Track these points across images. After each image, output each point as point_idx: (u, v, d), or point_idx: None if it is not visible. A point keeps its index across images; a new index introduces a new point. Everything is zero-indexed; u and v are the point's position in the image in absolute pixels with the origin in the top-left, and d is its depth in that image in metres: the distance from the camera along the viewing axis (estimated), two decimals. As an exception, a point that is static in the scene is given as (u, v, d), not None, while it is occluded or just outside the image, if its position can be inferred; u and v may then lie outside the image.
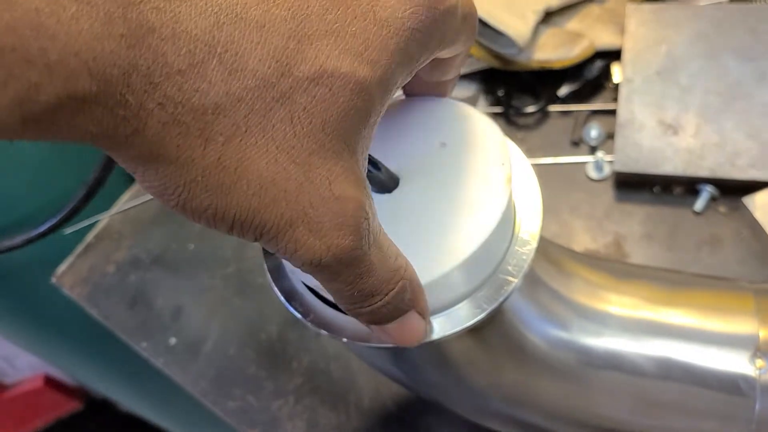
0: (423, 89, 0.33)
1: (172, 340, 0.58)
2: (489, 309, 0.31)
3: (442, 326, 0.31)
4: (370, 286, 0.24)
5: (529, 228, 0.33)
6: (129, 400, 1.07)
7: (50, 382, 1.34)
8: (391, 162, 0.31)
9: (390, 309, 0.25)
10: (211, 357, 0.56)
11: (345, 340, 0.31)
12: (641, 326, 0.38)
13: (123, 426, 1.40)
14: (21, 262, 0.67)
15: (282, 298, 0.34)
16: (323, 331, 0.32)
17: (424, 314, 0.27)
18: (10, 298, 0.71)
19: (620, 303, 0.39)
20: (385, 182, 0.30)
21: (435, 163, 0.31)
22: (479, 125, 0.32)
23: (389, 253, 0.24)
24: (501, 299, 0.31)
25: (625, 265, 0.46)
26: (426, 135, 0.32)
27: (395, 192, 0.31)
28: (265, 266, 0.35)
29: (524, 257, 0.32)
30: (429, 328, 0.29)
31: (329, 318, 0.32)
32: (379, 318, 0.25)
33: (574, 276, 0.39)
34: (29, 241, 0.62)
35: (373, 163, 0.28)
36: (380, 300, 0.24)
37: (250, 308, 0.58)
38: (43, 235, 0.62)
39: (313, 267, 0.22)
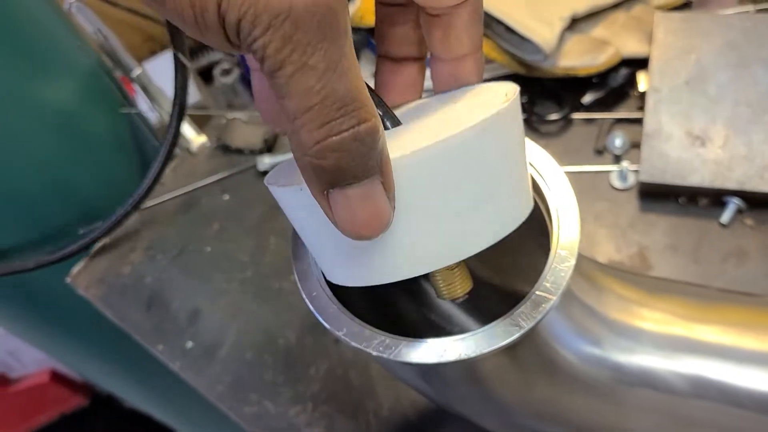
0: (447, 75, 0.32)
1: (189, 344, 0.57)
2: (527, 327, 0.30)
3: (478, 344, 0.30)
4: (344, 92, 0.21)
5: (567, 243, 0.33)
6: (136, 398, 1.06)
7: (56, 377, 1.34)
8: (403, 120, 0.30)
9: (358, 151, 0.22)
10: (228, 362, 0.56)
11: (375, 353, 0.31)
12: (674, 343, 0.38)
13: (128, 422, 1.40)
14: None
15: (314, 310, 0.33)
16: (355, 344, 0.32)
17: (389, 192, 0.25)
18: (22, 296, 0.70)
19: (653, 319, 0.39)
20: (383, 116, 0.29)
21: (441, 112, 0.30)
22: (498, 85, 0.31)
23: (363, 84, 0.22)
24: (539, 317, 0.31)
25: (657, 279, 0.45)
26: (443, 100, 0.31)
27: (393, 128, 0.29)
28: (296, 277, 0.35)
29: (562, 274, 0.32)
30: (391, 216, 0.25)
31: (361, 331, 0.32)
32: (344, 162, 0.22)
33: (607, 291, 0.39)
34: (85, 247, 0.61)
35: (373, 94, 0.27)
36: (352, 125, 0.22)
37: (268, 313, 0.57)
38: (92, 242, 0.61)
39: (283, 22, 0.20)
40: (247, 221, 0.63)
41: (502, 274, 0.47)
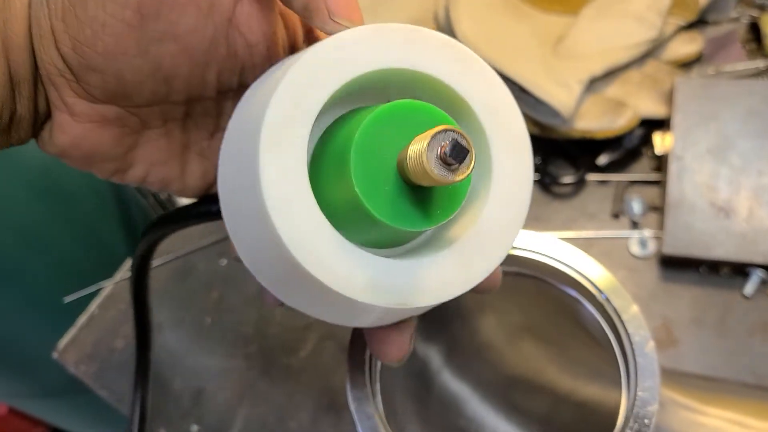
0: None
1: (194, 428, 0.54)
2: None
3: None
4: None
5: (648, 384, 0.31)
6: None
7: (14, 411, 1.28)
8: None
9: None
10: (238, 447, 0.53)
11: None
12: (733, 457, 0.37)
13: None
14: (19, 331, 0.62)
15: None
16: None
17: None
18: (7, 366, 0.65)
19: (711, 427, 0.37)
20: None
21: None
22: None
23: None
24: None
25: (709, 381, 0.44)
26: None
27: None
28: (354, 414, 0.32)
29: (646, 421, 0.30)
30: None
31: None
32: None
33: (668, 400, 0.37)
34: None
35: None
36: None
37: (278, 393, 0.54)
38: None
39: None
40: (249, 289, 0.60)
41: (533, 364, 0.46)
